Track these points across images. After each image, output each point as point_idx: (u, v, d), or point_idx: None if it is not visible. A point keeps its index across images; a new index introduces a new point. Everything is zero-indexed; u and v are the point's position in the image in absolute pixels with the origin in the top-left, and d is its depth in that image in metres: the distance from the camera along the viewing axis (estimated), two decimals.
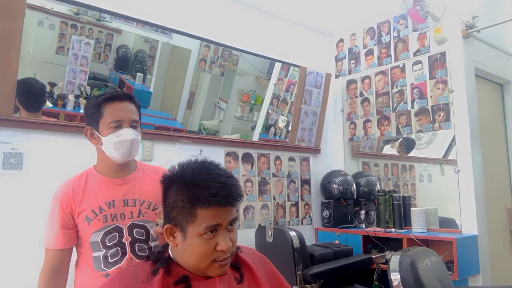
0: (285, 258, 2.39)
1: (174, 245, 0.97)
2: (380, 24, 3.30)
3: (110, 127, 1.35)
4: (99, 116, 1.36)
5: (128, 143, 1.36)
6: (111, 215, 1.38)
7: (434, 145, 3.04)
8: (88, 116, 1.40)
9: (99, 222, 1.36)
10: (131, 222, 1.40)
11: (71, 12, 2.19)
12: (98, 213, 1.37)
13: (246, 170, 2.91)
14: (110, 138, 1.35)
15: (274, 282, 1.10)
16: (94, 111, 1.37)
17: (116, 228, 1.38)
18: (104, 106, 1.36)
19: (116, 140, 1.35)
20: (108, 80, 2.37)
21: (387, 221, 2.97)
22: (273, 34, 3.16)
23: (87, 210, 1.36)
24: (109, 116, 1.35)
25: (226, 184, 0.93)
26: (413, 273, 1.57)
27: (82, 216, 1.36)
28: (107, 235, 1.37)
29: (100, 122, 1.36)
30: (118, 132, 1.35)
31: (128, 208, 1.40)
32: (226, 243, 0.93)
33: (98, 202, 1.38)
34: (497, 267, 2.78)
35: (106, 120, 1.35)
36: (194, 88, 2.81)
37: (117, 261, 1.37)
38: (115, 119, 1.35)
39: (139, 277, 0.94)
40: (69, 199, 1.37)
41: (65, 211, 1.36)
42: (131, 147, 1.38)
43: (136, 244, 1.40)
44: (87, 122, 1.41)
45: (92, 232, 1.36)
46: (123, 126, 1.36)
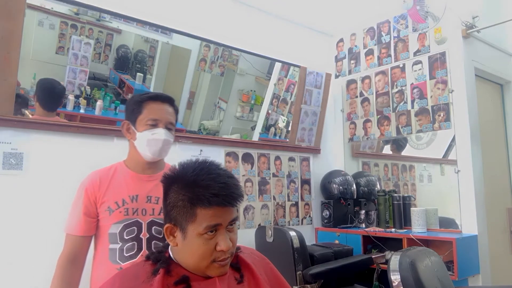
0: (285, 258, 2.39)
1: (174, 244, 0.97)
2: (380, 24, 3.30)
3: (146, 124, 1.40)
4: (138, 112, 1.42)
5: (160, 142, 1.41)
6: (133, 209, 1.41)
7: (434, 145, 3.04)
8: (128, 111, 1.46)
9: (120, 214, 1.39)
10: (151, 219, 1.43)
11: (71, 12, 2.19)
12: (121, 205, 1.40)
13: (246, 170, 2.91)
14: (144, 134, 1.40)
15: (274, 282, 1.10)
16: (135, 107, 1.42)
17: (135, 222, 1.41)
18: (145, 104, 1.42)
19: (150, 138, 1.40)
20: (108, 80, 2.38)
21: (387, 221, 2.97)
22: (273, 34, 3.16)
23: (110, 201, 1.40)
24: (147, 113, 1.41)
25: (226, 184, 0.93)
26: (413, 273, 1.57)
27: (104, 206, 1.40)
28: (126, 228, 1.39)
29: (138, 118, 1.42)
30: (153, 131, 1.40)
31: (150, 205, 1.43)
32: (226, 243, 0.93)
33: (122, 194, 1.41)
34: (497, 267, 2.78)
35: (144, 117, 1.41)
36: (194, 88, 2.81)
37: (132, 255, 1.39)
38: (152, 118, 1.41)
39: (140, 277, 0.94)
40: (95, 188, 1.41)
41: (90, 199, 1.40)
42: (162, 147, 1.42)
43: (153, 242, 1.42)
44: (126, 117, 1.47)
45: (112, 223, 1.39)
46: (159, 126, 1.41)
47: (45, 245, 1.95)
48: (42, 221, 1.97)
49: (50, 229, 1.98)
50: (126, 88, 2.44)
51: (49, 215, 1.98)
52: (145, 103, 1.42)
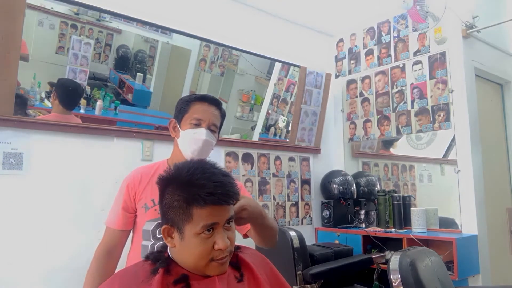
0: (285, 258, 2.39)
1: (172, 245, 0.97)
2: (380, 24, 3.30)
3: (190, 123, 1.44)
4: (185, 111, 1.45)
5: (200, 142, 1.43)
6: None
7: (434, 145, 3.04)
8: (176, 110, 1.50)
9: (155, 212, 1.40)
10: None
11: (71, 12, 2.19)
12: (157, 203, 1.39)
13: (246, 170, 2.91)
14: (187, 133, 1.44)
15: (274, 282, 1.09)
16: (182, 106, 1.46)
17: None
18: (193, 103, 1.45)
19: (191, 137, 1.43)
20: (108, 80, 2.38)
21: (387, 221, 2.97)
22: (273, 34, 3.16)
23: (147, 198, 1.42)
24: (193, 113, 1.44)
25: (221, 182, 0.93)
26: (413, 273, 1.57)
27: (141, 203, 1.43)
28: (158, 226, 1.39)
29: (184, 117, 1.45)
30: (195, 130, 1.43)
31: None
32: (224, 242, 0.93)
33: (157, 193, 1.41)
34: (497, 267, 2.78)
35: (190, 116, 1.44)
36: (194, 88, 2.81)
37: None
38: (197, 117, 1.44)
39: (139, 276, 0.94)
40: (136, 184, 1.45)
41: (130, 194, 1.44)
42: (202, 147, 1.44)
43: None
44: (174, 115, 1.51)
45: (146, 220, 1.41)
46: (202, 126, 1.44)
47: (45, 245, 1.95)
48: (42, 221, 1.97)
49: (50, 229, 1.98)
50: (126, 88, 2.45)
51: (49, 215, 1.98)
52: (192, 103, 1.46)
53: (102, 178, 2.19)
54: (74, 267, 1.45)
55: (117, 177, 2.23)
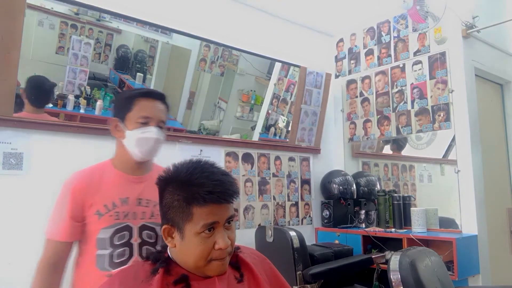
0: (285, 258, 2.38)
1: (172, 246, 0.97)
2: (380, 24, 3.30)
3: (137, 122, 1.32)
4: (128, 109, 1.33)
5: (152, 141, 1.34)
6: (124, 213, 1.32)
7: (434, 145, 3.04)
8: (116, 108, 1.39)
9: (110, 218, 1.30)
10: (142, 223, 1.35)
11: (71, 12, 2.19)
12: (111, 208, 1.31)
13: (246, 170, 2.91)
14: (134, 133, 1.32)
15: (274, 282, 1.09)
16: (124, 104, 1.35)
17: (126, 227, 1.33)
18: (136, 100, 1.34)
19: (141, 136, 1.32)
20: (108, 80, 2.38)
21: (387, 221, 2.97)
22: (273, 34, 3.16)
23: (99, 203, 1.30)
24: (138, 111, 1.33)
25: (221, 181, 0.93)
26: (413, 273, 1.57)
27: (93, 210, 1.30)
28: (116, 233, 1.31)
29: (128, 115, 1.33)
30: (144, 129, 1.33)
31: (140, 208, 1.36)
32: (224, 241, 0.93)
33: (112, 197, 1.32)
34: (497, 267, 2.78)
35: (135, 115, 1.33)
36: (194, 88, 2.81)
37: (123, 262, 1.31)
38: (144, 115, 1.33)
39: (139, 276, 0.94)
40: (83, 189, 1.30)
41: (77, 201, 1.29)
42: (153, 147, 1.35)
43: (144, 247, 1.35)
44: (114, 113, 1.39)
45: (101, 227, 1.29)
46: (150, 124, 1.33)
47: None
48: (42, 221, 1.96)
49: None
50: (126, 88, 2.44)
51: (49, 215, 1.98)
52: (135, 99, 1.33)
53: None
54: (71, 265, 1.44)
55: None
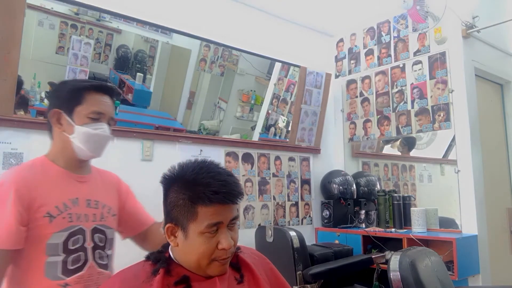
0: (285, 258, 2.39)
1: (175, 244, 0.97)
2: (380, 24, 3.30)
3: (88, 118, 1.21)
4: (78, 102, 1.21)
5: (103, 140, 1.26)
6: (77, 215, 1.20)
7: (434, 145, 3.04)
8: (60, 99, 1.23)
9: (63, 220, 1.17)
10: (94, 226, 1.25)
11: (71, 12, 2.19)
12: (63, 210, 1.17)
13: (246, 170, 2.91)
14: (85, 129, 1.21)
15: (274, 282, 1.10)
16: (72, 95, 1.22)
17: (80, 230, 1.20)
18: (88, 93, 1.22)
19: (93, 133, 1.22)
20: (108, 80, 2.38)
21: (387, 221, 2.97)
22: (273, 34, 3.16)
23: (49, 205, 1.15)
24: (90, 105, 1.22)
25: (226, 182, 0.94)
26: (413, 273, 1.57)
27: (41, 211, 1.14)
28: (71, 237, 1.18)
29: (76, 109, 1.21)
30: (96, 125, 1.23)
31: (91, 210, 1.25)
32: (228, 242, 0.93)
33: (62, 197, 1.19)
34: (497, 267, 2.78)
35: (86, 109, 1.21)
36: (194, 88, 2.81)
37: (78, 268, 1.19)
38: (97, 111, 1.23)
39: (140, 277, 0.94)
40: (27, 188, 1.13)
41: (22, 203, 1.11)
42: (103, 145, 1.27)
43: (96, 251, 1.25)
44: (55, 105, 1.23)
45: (53, 232, 1.14)
46: (102, 121, 1.24)
47: None
48: None
49: None
50: (126, 88, 2.44)
51: None
52: (86, 92, 1.22)
53: None
54: None
55: None
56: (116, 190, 1.41)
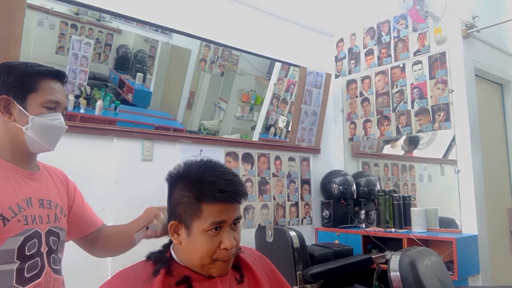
0: (285, 258, 2.39)
1: (178, 242, 0.97)
2: (380, 24, 3.30)
3: (43, 107, 1.10)
4: (31, 88, 1.09)
5: (60, 131, 1.16)
6: (31, 216, 1.08)
7: (434, 145, 3.04)
8: (7, 84, 1.09)
9: (19, 223, 1.05)
10: (48, 228, 1.13)
11: (71, 12, 2.19)
12: (17, 211, 1.05)
13: (246, 170, 2.91)
14: (41, 119, 1.10)
15: (274, 282, 1.10)
16: (25, 81, 1.09)
17: (36, 233, 1.09)
18: (42, 80, 1.11)
19: (49, 124, 1.11)
20: (108, 80, 2.37)
21: (387, 221, 2.97)
22: (273, 34, 3.16)
23: (1, 206, 1.03)
24: (46, 93, 1.11)
25: (232, 181, 0.95)
26: (413, 273, 1.57)
27: None
28: (27, 241, 1.06)
29: (30, 95, 1.09)
30: (52, 116, 1.12)
31: (44, 210, 1.13)
32: (230, 241, 0.93)
33: (14, 197, 1.07)
34: (497, 267, 2.78)
35: (42, 97, 1.10)
36: (194, 88, 2.81)
37: (34, 276, 1.07)
38: (54, 100, 1.12)
39: (140, 277, 0.94)
40: None
41: None
42: (59, 138, 1.17)
43: (51, 255, 1.13)
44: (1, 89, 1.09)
45: (7, 236, 1.02)
46: (57, 111, 1.14)
47: None
48: None
49: None
50: (126, 88, 2.44)
51: None
52: (40, 78, 1.11)
53: (102, 178, 2.19)
54: (72, 268, 1.44)
55: (117, 177, 2.24)
56: (65, 187, 1.29)
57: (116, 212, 2.15)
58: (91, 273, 1.68)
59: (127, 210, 1.69)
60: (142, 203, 1.56)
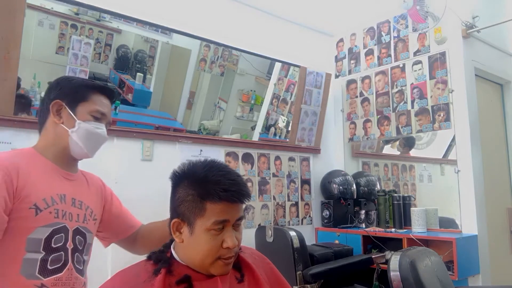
0: (285, 258, 2.39)
1: (180, 241, 0.97)
2: (380, 24, 3.30)
3: (92, 115, 1.22)
4: (83, 98, 1.22)
5: (101, 140, 1.27)
6: (63, 211, 1.15)
7: (434, 145, 3.04)
8: (63, 91, 1.21)
9: (50, 215, 1.11)
10: (77, 226, 1.19)
11: (71, 12, 2.19)
12: (50, 204, 1.12)
13: (246, 170, 2.91)
14: (87, 125, 1.21)
15: (274, 282, 1.10)
16: (79, 90, 1.22)
17: (64, 228, 1.14)
18: (94, 93, 1.24)
19: (93, 131, 1.22)
20: (108, 80, 2.37)
21: (387, 221, 2.97)
22: (273, 34, 3.16)
23: (37, 197, 1.09)
24: (95, 104, 1.24)
25: (236, 181, 0.96)
26: (413, 273, 1.57)
27: (27, 202, 1.07)
28: (54, 234, 1.11)
29: (81, 104, 1.21)
30: (97, 125, 1.24)
31: (75, 209, 1.20)
32: (233, 240, 0.94)
33: (50, 190, 1.14)
34: (497, 267, 2.78)
35: (91, 107, 1.23)
36: (194, 88, 2.81)
37: (56, 269, 1.11)
38: (101, 111, 1.24)
39: (141, 276, 0.95)
40: (17, 175, 1.06)
41: (9, 189, 1.04)
42: (99, 146, 1.28)
43: (75, 254, 1.18)
44: (59, 96, 1.21)
45: (38, 226, 1.08)
46: (103, 122, 1.26)
47: None
48: None
49: None
50: (126, 88, 2.44)
51: None
52: (92, 91, 1.24)
53: (102, 178, 2.18)
54: None
55: (117, 177, 2.24)
56: (100, 194, 1.38)
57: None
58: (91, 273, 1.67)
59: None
60: (142, 203, 1.57)
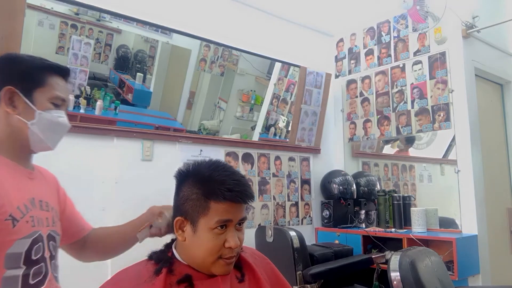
0: (285, 258, 2.39)
1: (182, 239, 0.98)
2: (380, 24, 3.30)
3: (50, 103, 1.03)
4: (40, 83, 1.02)
5: (64, 129, 1.09)
6: (37, 218, 1.00)
7: (434, 145, 3.05)
8: (13, 75, 1.02)
9: (27, 225, 0.96)
10: (49, 231, 1.04)
11: (71, 12, 2.19)
12: (25, 212, 0.97)
13: (246, 170, 2.91)
14: (49, 115, 1.03)
15: (274, 282, 1.10)
16: (34, 75, 1.03)
17: (40, 236, 1.00)
18: (50, 75, 1.05)
19: (55, 121, 1.04)
20: (108, 80, 2.37)
21: (387, 221, 2.97)
22: (273, 34, 3.16)
23: (11, 206, 0.94)
24: (54, 89, 1.04)
25: (241, 181, 0.96)
26: (413, 273, 1.57)
27: (2, 213, 0.92)
28: (34, 244, 0.97)
29: (37, 90, 1.02)
30: (58, 113, 1.05)
31: (43, 213, 1.04)
32: (235, 240, 0.94)
33: (20, 196, 0.98)
34: (497, 267, 2.78)
35: (50, 93, 1.03)
36: (194, 88, 2.81)
37: (38, 283, 0.99)
38: (61, 97, 1.06)
39: (142, 276, 0.95)
40: None
41: None
42: (62, 136, 1.10)
43: (52, 261, 1.06)
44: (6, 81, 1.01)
45: (17, 238, 0.94)
46: (62, 108, 1.07)
47: None
48: None
49: None
50: (126, 88, 2.44)
51: None
52: (49, 74, 1.05)
53: (102, 178, 2.19)
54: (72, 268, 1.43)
55: (117, 177, 2.25)
56: (56, 191, 1.20)
57: (116, 212, 2.16)
58: (91, 273, 1.67)
59: (127, 210, 1.70)
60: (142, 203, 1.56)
